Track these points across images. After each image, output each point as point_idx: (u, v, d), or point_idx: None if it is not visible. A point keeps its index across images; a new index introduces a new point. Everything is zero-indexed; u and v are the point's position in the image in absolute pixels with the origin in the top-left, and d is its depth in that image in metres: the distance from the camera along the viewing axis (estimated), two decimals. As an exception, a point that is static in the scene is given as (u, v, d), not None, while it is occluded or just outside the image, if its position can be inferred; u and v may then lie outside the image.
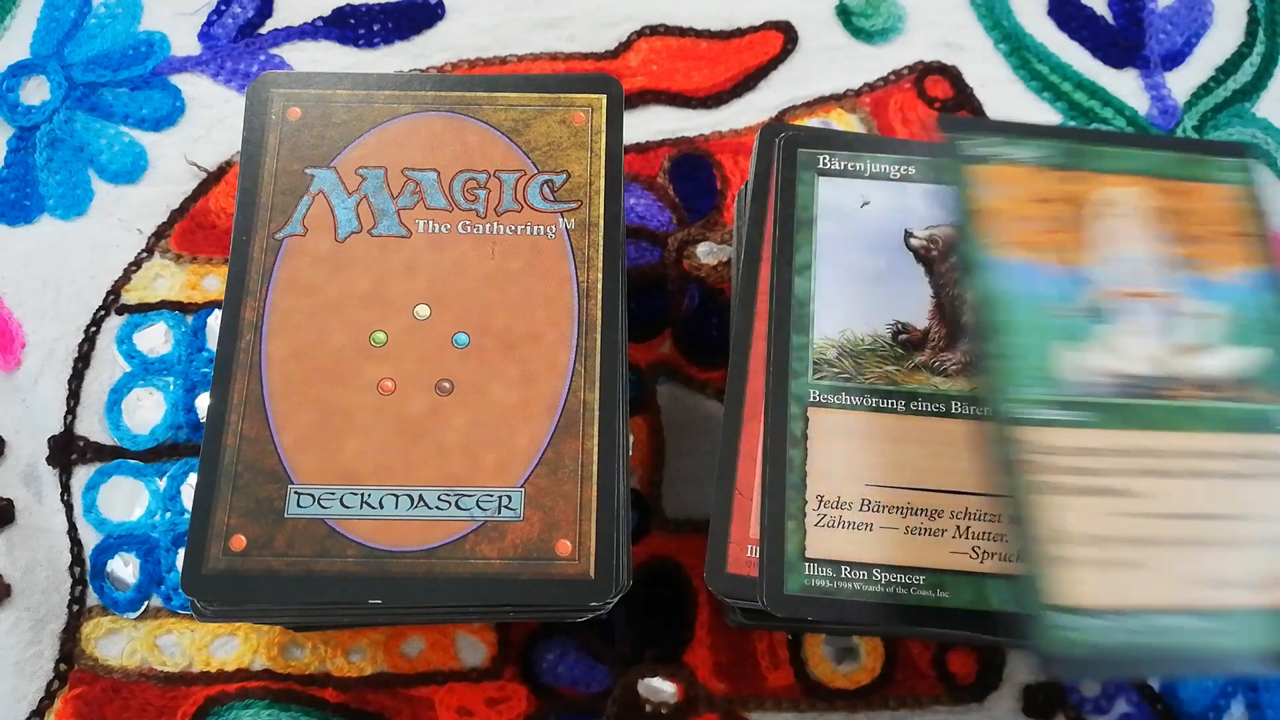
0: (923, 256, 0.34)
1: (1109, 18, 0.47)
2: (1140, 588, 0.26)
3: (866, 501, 0.31)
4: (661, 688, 0.36)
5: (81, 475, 0.39)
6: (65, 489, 0.39)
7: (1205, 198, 0.32)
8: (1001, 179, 0.31)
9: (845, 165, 0.35)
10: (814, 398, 0.32)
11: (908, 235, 0.34)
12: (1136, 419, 0.28)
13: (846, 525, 0.31)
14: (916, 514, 0.31)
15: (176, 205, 0.43)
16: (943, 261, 0.34)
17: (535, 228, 0.33)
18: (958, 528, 0.31)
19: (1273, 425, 0.29)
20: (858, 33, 0.46)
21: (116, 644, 0.37)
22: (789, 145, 0.35)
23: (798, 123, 0.44)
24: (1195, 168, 0.34)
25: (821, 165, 0.35)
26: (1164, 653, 0.26)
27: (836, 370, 0.32)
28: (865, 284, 0.34)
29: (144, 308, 0.41)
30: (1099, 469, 0.27)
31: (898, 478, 0.31)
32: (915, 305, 0.33)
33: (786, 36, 0.46)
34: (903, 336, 0.33)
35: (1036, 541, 0.26)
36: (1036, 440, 0.27)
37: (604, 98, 0.35)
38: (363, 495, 0.30)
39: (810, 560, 0.30)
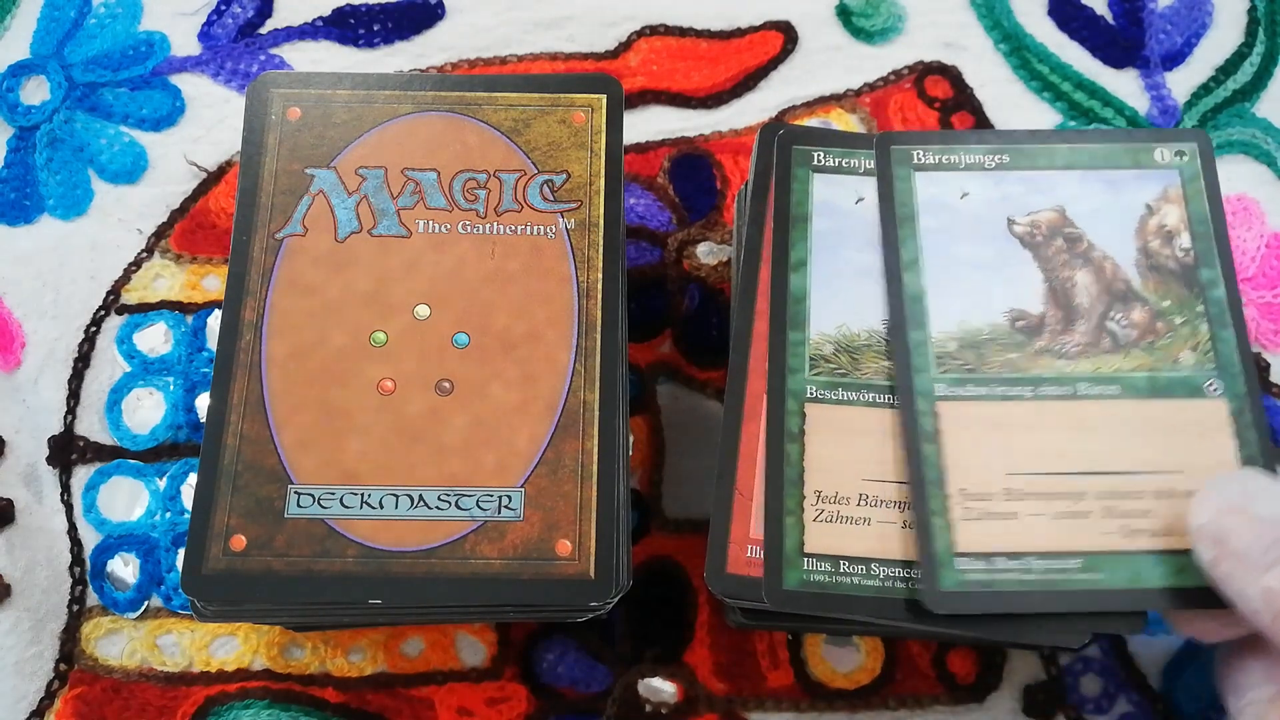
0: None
1: (1109, 18, 0.47)
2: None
3: (864, 496, 0.31)
4: (661, 688, 0.36)
5: (81, 475, 0.39)
6: (65, 489, 0.39)
7: None
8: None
9: (840, 162, 0.35)
10: (811, 393, 0.32)
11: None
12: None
13: (844, 520, 0.31)
14: (911, 508, 0.31)
15: (176, 205, 0.43)
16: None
17: (535, 228, 0.33)
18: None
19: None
20: (858, 33, 0.46)
21: (116, 644, 0.37)
22: (783, 142, 0.35)
23: (798, 123, 0.44)
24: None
25: (816, 162, 0.35)
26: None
27: (833, 366, 0.32)
28: (857, 280, 0.34)
29: (144, 308, 0.41)
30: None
31: (894, 472, 0.31)
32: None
33: (786, 36, 0.46)
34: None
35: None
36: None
37: (604, 98, 0.35)
38: (363, 495, 0.30)
39: (809, 555, 0.30)
